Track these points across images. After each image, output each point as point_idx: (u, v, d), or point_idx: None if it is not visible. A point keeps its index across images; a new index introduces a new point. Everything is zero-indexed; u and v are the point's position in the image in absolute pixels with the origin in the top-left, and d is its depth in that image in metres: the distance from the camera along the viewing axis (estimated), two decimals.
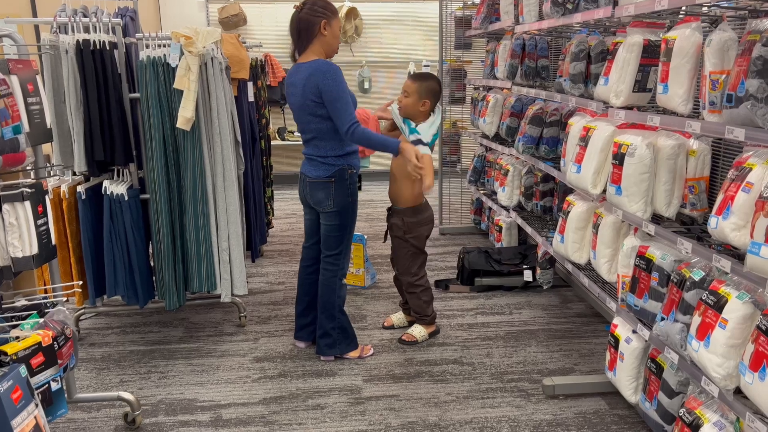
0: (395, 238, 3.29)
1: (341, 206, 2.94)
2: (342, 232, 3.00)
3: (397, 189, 3.23)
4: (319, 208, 2.97)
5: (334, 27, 2.88)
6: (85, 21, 3.07)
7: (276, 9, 7.23)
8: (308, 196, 2.98)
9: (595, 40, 2.99)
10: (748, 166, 1.78)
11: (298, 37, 2.88)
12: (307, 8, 2.85)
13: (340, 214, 2.96)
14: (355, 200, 2.98)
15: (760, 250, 1.59)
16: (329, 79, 2.76)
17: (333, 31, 2.88)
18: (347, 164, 2.91)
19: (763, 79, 1.77)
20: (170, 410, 2.70)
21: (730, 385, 1.80)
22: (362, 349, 3.17)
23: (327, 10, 2.85)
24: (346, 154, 2.92)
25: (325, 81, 2.76)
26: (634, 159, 2.32)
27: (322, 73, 2.77)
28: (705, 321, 1.86)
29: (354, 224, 3.04)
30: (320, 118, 2.83)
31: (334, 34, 2.89)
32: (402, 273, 3.32)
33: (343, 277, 3.08)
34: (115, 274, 3.19)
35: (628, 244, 2.44)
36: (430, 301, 3.34)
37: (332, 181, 2.89)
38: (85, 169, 3.09)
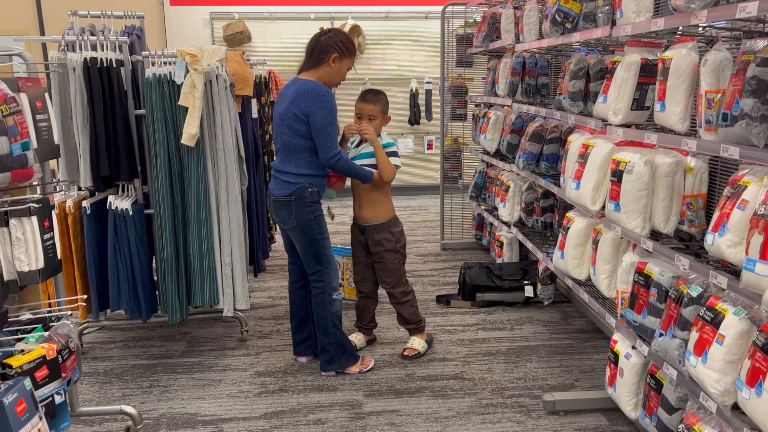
0: (385, 253, 3.22)
1: (304, 224, 2.93)
2: (315, 248, 2.98)
3: (370, 206, 3.19)
4: (285, 226, 3.00)
5: (343, 65, 2.93)
6: (93, 39, 3.12)
7: (280, 26, 7.32)
8: (273, 214, 3.03)
9: (594, 58, 3.04)
10: (743, 184, 1.81)
11: (309, 55, 2.95)
12: (329, 36, 2.93)
13: (305, 232, 2.95)
14: (317, 217, 2.96)
15: (755, 267, 1.61)
16: (323, 105, 2.80)
17: (340, 68, 2.93)
18: (307, 183, 2.89)
19: (758, 98, 1.80)
20: (172, 424, 2.71)
21: (727, 401, 1.81)
22: (362, 361, 3.18)
23: (345, 48, 2.92)
24: (308, 174, 2.91)
25: (317, 105, 2.80)
26: (632, 176, 2.35)
27: (316, 97, 2.81)
28: (702, 337, 1.87)
29: (326, 239, 3.01)
30: (294, 132, 2.85)
31: (340, 71, 2.94)
32: (394, 285, 3.28)
33: (333, 291, 3.05)
34: (119, 289, 3.22)
35: (627, 260, 2.46)
36: (417, 305, 3.41)
37: (292, 200, 2.89)
38: (91, 184, 3.13)
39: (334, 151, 2.85)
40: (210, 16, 7.30)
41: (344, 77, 3.01)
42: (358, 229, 3.26)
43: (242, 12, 7.24)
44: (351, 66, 2.99)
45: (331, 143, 2.84)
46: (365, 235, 3.22)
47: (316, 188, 2.93)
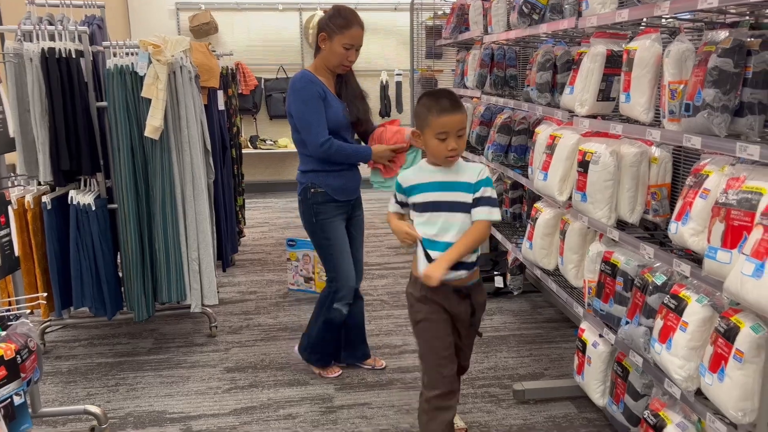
0: (470, 327, 2.24)
1: (308, 226, 2.81)
2: (322, 252, 2.83)
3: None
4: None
5: (334, 44, 2.65)
6: (51, 29, 3.03)
7: (248, 17, 7.21)
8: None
9: (561, 50, 3.05)
10: (705, 173, 1.84)
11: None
12: (320, 18, 2.74)
13: (311, 235, 2.83)
14: (321, 221, 2.76)
15: (716, 255, 1.63)
16: (296, 94, 2.66)
17: (332, 47, 2.66)
18: (310, 183, 2.74)
19: (719, 88, 1.83)
20: (139, 423, 2.66)
21: (691, 387, 1.84)
22: (329, 370, 3.04)
23: (332, 23, 2.65)
24: (310, 171, 2.75)
25: (293, 97, 2.68)
26: (598, 166, 2.37)
27: (291, 88, 2.70)
28: (667, 324, 1.90)
29: (334, 246, 2.79)
30: (294, 128, 2.76)
31: (332, 51, 2.66)
32: (467, 359, 2.36)
33: (336, 302, 2.83)
34: (82, 286, 3.14)
35: (593, 249, 2.49)
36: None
37: (300, 201, 2.81)
38: (51, 178, 3.04)
39: (322, 139, 2.63)
40: (175, 7, 7.15)
41: (347, 57, 2.67)
42: (454, 295, 2.12)
43: (209, 2, 7.12)
44: (348, 43, 2.64)
45: (315, 131, 2.63)
46: (470, 299, 2.15)
47: (320, 188, 2.72)
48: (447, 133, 2.00)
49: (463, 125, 2.05)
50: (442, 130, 2.00)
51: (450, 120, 2.00)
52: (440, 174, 2.09)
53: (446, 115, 2.00)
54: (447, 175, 2.08)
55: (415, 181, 2.14)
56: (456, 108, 2.02)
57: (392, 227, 2.23)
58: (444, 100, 2.03)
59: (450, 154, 2.01)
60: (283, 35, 7.31)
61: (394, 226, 2.21)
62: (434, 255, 2.07)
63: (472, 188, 2.05)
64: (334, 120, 2.68)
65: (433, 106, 2.01)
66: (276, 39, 7.29)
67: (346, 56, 2.67)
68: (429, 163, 2.13)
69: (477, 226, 2.07)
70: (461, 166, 2.09)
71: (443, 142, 2.00)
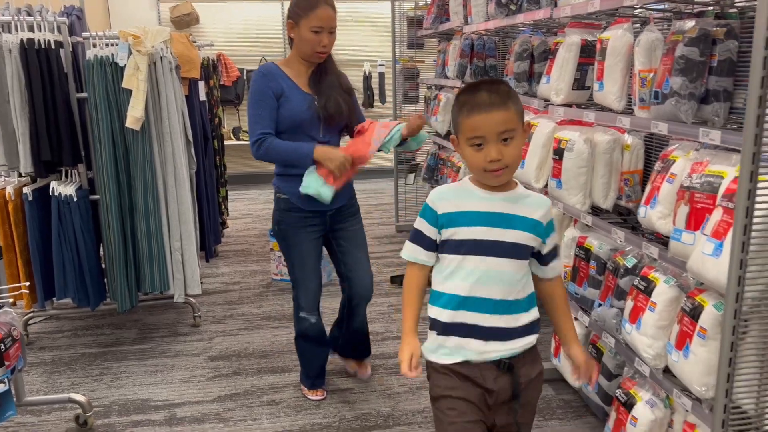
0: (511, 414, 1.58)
1: (274, 231, 2.62)
2: (285, 259, 2.62)
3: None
4: None
5: (301, 29, 2.35)
6: (30, 20, 3.02)
7: (229, 8, 7.18)
8: None
9: (537, 40, 3.10)
10: (672, 159, 1.90)
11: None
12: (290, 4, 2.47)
13: (277, 240, 2.64)
14: (282, 229, 2.54)
15: (681, 236, 1.70)
16: (250, 87, 2.45)
17: (300, 33, 2.36)
18: (275, 187, 2.55)
19: (686, 76, 1.89)
20: (123, 411, 2.69)
21: (659, 365, 1.91)
22: (314, 391, 2.78)
23: (297, 8, 2.38)
24: (276, 174, 2.55)
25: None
26: (572, 154, 2.43)
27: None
28: (636, 305, 1.97)
29: (294, 257, 2.56)
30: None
31: (301, 37, 2.37)
32: None
33: (300, 310, 2.63)
34: (65, 276, 3.15)
35: (568, 235, 2.55)
36: None
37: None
38: (32, 170, 3.04)
39: (254, 137, 2.35)
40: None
41: (318, 42, 2.36)
42: (496, 369, 1.53)
43: None
44: (316, 25, 2.33)
45: (252, 129, 2.37)
46: (512, 372, 1.54)
47: (284, 194, 2.49)
48: (483, 137, 1.44)
49: (510, 126, 1.45)
50: (473, 135, 1.45)
51: (484, 120, 1.43)
52: (493, 202, 1.51)
53: (478, 113, 1.44)
54: (503, 204, 1.51)
55: (458, 206, 1.53)
56: (495, 104, 1.44)
57: (403, 346, 1.56)
58: (482, 93, 1.46)
59: (490, 166, 1.44)
60: (265, 26, 7.29)
61: (405, 345, 1.55)
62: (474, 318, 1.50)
63: (539, 229, 1.53)
64: (290, 116, 2.39)
65: (466, 102, 1.47)
66: (258, 30, 7.27)
67: (318, 41, 2.36)
68: (474, 183, 1.55)
69: (559, 287, 1.64)
70: (520, 193, 1.55)
71: (479, 151, 1.45)
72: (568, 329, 1.64)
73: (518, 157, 1.50)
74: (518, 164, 1.52)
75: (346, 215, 2.62)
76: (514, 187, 1.56)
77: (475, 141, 1.46)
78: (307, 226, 2.52)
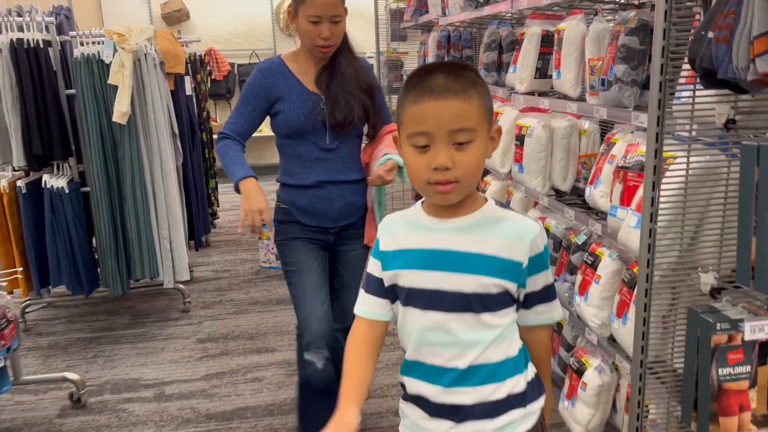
0: None
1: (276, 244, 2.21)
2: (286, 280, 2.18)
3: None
4: None
5: (300, 20, 2.00)
6: (19, 20, 3.16)
7: (219, 3, 7.30)
8: None
9: (505, 31, 3.23)
10: (614, 141, 2.04)
11: None
12: None
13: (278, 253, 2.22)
14: (280, 241, 2.15)
15: (616, 212, 1.84)
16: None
17: (299, 25, 2.02)
18: (277, 195, 2.19)
19: (628, 64, 2.02)
20: (115, 389, 2.85)
21: (605, 333, 2.06)
22: None
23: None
24: (280, 182, 2.18)
25: None
26: (532, 139, 2.57)
27: None
28: (585, 279, 2.12)
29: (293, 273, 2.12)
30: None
31: (300, 28, 2.02)
32: None
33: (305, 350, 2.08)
34: (59, 265, 3.30)
35: (530, 216, 2.69)
36: None
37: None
38: (24, 164, 3.19)
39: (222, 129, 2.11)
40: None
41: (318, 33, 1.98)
42: None
43: None
44: (313, 14, 1.96)
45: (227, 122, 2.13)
46: None
47: (284, 204, 2.14)
48: (429, 134, 1.06)
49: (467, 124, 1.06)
50: (417, 129, 1.07)
51: (434, 109, 1.05)
52: (438, 234, 1.14)
53: (427, 99, 1.05)
54: (450, 237, 1.13)
55: (398, 241, 1.19)
56: (450, 90, 1.05)
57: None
58: (437, 75, 1.07)
59: (434, 176, 1.06)
60: (255, 21, 7.41)
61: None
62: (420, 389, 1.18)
63: (512, 270, 1.12)
64: (287, 122, 2.06)
65: (415, 86, 1.08)
66: (248, 24, 7.39)
67: (317, 33, 1.98)
68: (425, 206, 1.18)
69: (544, 337, 1.25)
70: (486, 218, 1.14)
71: (423, 154, 1.07)
72: (545, 383, 1.25)
73: (476, 168, 1.07)
74: (475, 180, 1.09)
75: (352, 235, 2.20)
76: (479, 207, 1.14)
77: (419, 139, 1.06)
78: (307, 241, 2.13)
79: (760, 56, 0.98)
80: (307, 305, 2.09)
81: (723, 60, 1.04)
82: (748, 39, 1.00)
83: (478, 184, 1.09)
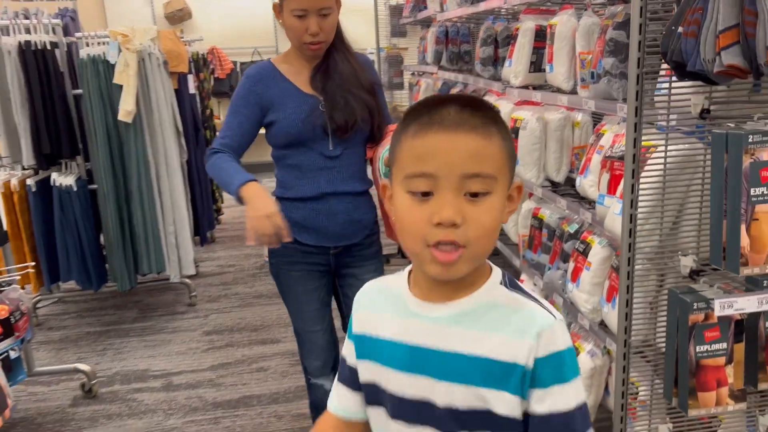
0: None
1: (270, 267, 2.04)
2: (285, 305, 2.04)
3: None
4: None
5: (284, 14, 1.82)
6: (26, 23, 3.24)
7: (222, 3, 7.37)
8: None
9: (501, 26, 3.30)
10: (603, 132, 2.11)
11: None
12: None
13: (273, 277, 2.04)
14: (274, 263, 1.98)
15: (604, 201, 1.91)
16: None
17: (284, 20, 1.84)
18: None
19: (616, 57, 2.09)
20: (125, 380, 2.94)
21: (596, 318, 2.13)
22: None
23: None
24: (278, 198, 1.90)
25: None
26: (526, 132, 2.64)
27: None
28: (577, 266, 2.19)
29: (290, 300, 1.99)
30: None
31: (285, 24, 1.85)
32: None
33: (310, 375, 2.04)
34: (68, 261, 3.40)
35: (525, 207, 2.77)
36: None
37: None
38: (34, 162, 3.28)
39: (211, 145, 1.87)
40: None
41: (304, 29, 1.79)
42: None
43: None
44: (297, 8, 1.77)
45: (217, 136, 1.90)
46: None
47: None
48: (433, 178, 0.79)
49: (486, 169, 0.80)
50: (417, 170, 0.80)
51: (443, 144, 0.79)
52: (423, 323, 0.87)
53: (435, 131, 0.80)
54: (438, 329, 0.85)
55: (373, 323, 0.93)
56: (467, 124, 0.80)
57: None
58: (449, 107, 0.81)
59: (436, 235, 0.79)
60: (257, 18, 7.48)
61: None
62: None
63: (508, 377, 0.81)
64: (284, 130, 1.87)
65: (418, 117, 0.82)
66: (249, 22, 7.46)
67: (303, 28, 1.78)
68: (412, 286, 0.90)
69: None
70: (487, 303, 0.86)
71: (423, 204, 0.80)
72: None
73: (490, 232, 0.81)
74: (487, 249, 0.84)
75: (357, 257, 2.01)
76: (481, 285, 0.86)
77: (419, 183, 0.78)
78: (305, 271, 1.94)
79: (725, 49, 1.05)
80: (307, 334, 1.99)
81: (691, 53, 1.11)
82: (714, 33, 1.07)
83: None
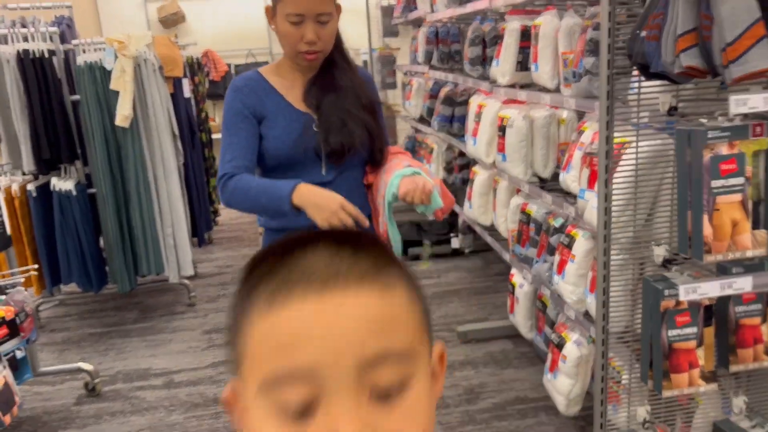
0: None
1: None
2: None
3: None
4: None
5: (278, 19, 1.63)
6: (24, 31, 3.31)
7: (215, 6, 7.43)
8: None
9: (489, 26, 3.37)
10: (584, 129, 2.19)
11: None
12: None
13: None
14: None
15: (584, 195, 1.99)
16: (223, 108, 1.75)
17: (278, 26, 1.64)
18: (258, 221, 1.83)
19: (596, 57, 2.17)
20: (127, 378, 3.02)
21: (581, 308, 2.21)
22: None
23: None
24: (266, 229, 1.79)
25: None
26: (513, 129, 2.72)
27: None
28: (562, 258, 2.27)
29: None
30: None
31: (280, 30, 1.64)
32: None
33: None
34: (69, 264, 3.47)
35: (513, 202, 2.84)
36: None
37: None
38: (34, 168, 3.35)
39: (219, 175, 1.65)
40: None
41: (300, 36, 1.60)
42: None
43: None
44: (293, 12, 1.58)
45: (220, 165, 1.67)
46: None
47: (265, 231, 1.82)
48: (309, 376, 0.48)
49: (392, 344, 0.50)
50: (282, 371, 0.48)
51: (307, 317, 0.48)
52: None
53: (292, 299, 0.49)
54: None
55: None
56: (343, 276, 0.50)
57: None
58: (317, 253, 0.52)
59: None
60: (251, 20, 7.54)
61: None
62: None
63: None
64: (273, 151, 1.67)
65: (268, 275, 0.51)
66: (243, 25, 7.53)
67: (299, 35, 1.61)
68: None
69: None
70: None
71: (299, 428, 0.48)
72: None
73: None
74: None
75: None
76: None
77: (288, 393, 0.49)
78: None
79: (684, 51, 1.12)
80: None
81: (654, 55, 1.19)
82: (673, 37, 1.14)
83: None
